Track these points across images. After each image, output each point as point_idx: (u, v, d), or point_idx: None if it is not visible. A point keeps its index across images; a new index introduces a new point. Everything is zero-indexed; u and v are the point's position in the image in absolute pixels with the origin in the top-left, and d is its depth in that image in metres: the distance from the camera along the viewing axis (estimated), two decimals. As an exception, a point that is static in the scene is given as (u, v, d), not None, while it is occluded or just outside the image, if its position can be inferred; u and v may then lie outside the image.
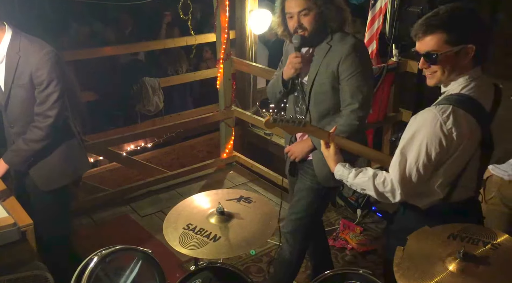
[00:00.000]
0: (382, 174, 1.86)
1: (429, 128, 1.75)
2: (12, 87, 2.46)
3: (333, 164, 2.03)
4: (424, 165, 1.78)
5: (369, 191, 1.89)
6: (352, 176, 1.94)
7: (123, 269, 2.24)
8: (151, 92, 5.16)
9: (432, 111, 1.76)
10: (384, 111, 4.25)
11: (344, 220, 3.82)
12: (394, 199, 1.84)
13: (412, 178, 1.79)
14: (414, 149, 1.78)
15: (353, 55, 2.37)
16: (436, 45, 1.76)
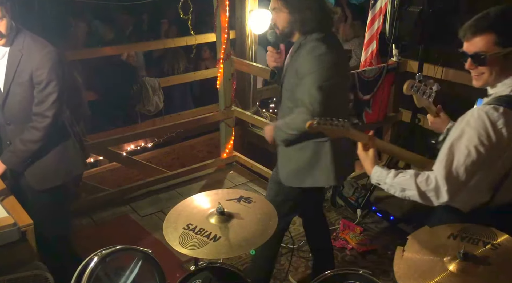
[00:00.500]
0: (425, 173, 1.82)
1: (480, 125, 1.73)
2: (12, 84, 2.47)
3: (371, 166, 1.98)
4: (472, 163, 1.75)
5: (410, 190, 1.83)
6: (392, 176, 1.88)
7: (123, 269, 2.24)
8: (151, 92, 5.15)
9: (484, 109, 1.75)
10: (384, 111, 4.26)
11: (344, 220, 3.82)
12: (438, 198, 1.79)
13: (460, 176, 1.76)
14: (462, 147, 1.76)
15: (309, 57, 2.34)
16: (485, 46, 1.76)
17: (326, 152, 2.49)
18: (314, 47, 2.34)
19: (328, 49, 2.32)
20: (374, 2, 3.97)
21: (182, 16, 4.21)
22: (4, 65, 2.46)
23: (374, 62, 4.11)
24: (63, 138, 2.67)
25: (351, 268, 2.20)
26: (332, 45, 2.38)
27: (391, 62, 4.12)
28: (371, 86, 4.00)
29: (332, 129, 2.02)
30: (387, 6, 3.85)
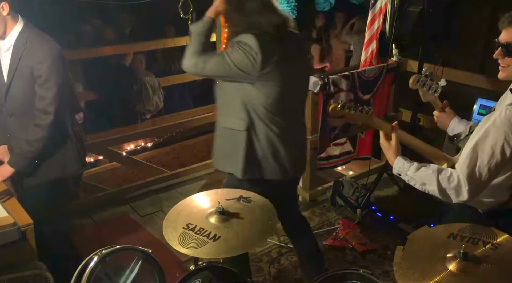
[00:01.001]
0: (448, 170, 1.82)
1: (506, 127, 1.73)
2: (14, 77, 2.51)
3: (394, 156, 1.97)
4: (497, 164, 1.75)
5: (431, 185, 1.83)
6: (414, 169, 1.87)
7: (123, 269, 2.24)
8: (151, 92, 5.16)
9: (509, 110, 1.74)
10: (384, 111, 4.26)
11: (344, 220, 3.82)
12: (459, 197, 1.79)
13: (483, 176, 1.76)
14: (487, 147, 1.75)
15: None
16: None
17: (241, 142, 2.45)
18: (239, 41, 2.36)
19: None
20: (374, 1, 3.96)
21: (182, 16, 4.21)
22: (8, 57, 2.52)
23: (374, 62, 4.11)
24: (62, 137, 2.68)
25: (351, 268, 2.20)
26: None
27: (391, 62, 4.12)
28: (371, 86, 4.00)
29: (355, 114, 2.02)
30: (387, 6, 3.85)
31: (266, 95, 2.37)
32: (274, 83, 2.35)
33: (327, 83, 3.67)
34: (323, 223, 3.87)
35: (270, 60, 2.29)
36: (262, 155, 2.47)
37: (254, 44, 2.26)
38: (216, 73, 2.40)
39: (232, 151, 2.49)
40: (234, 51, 2.30)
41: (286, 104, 2.44)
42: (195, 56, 2.37)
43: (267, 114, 2.40)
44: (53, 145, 2.63)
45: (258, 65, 2.27)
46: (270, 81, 2.34)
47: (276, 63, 2.31)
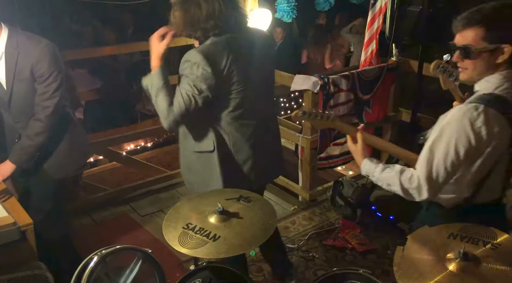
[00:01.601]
0: (409, 171, 1.84)
1: (459, 126, 1.74)
2: (14, 83, 2.50)
3: (361, 158, 2.02)
4: (452, 163, 1.76)
5: (395, 186, 1.87)
6: (379, 170, 1.92)
7: (123, 269, 2.24)
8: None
9: (464, 109, 1.75)
10: (384, 111, 4.26)
11: (344, 220, 3.82)
12: (420, 196, 1.82)
13: (440, 175, 1.78)
14: (442, 146, 1.77)
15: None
16: (473, 39, 1.76)
17: (215, 162, 2.44)
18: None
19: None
20: (374, 1, 3.97)
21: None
22: (2, 65, 2.49)
23: (374, 61, 4.11)
24: (71, 125, 2.74)
25: (351, 268, 2.20)
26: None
27: (391, 62, 4.12)
28: (371, 85, 4.00)
29: (317, 120, 2.07)
30: (387, 6, 3.85)
31: (229, 102, 2.34)
32: (235, 85, 2.31)
33: (327, 83, 3.67)
34: (323, 223, 3.87)
35: (221, 65, 2.24)
36: (237, 167, 2.47)
37: (200, 58, 2.20)
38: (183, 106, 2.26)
39: (209, 173, 2.46)
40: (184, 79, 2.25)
41: (251, 104, 2.39)
42: (170, 111, 2.27)
43: (232, 122, 2.38)
44: (67, 136, 2.69)
45: (209, 73, 2.21)
46: (231, 84, 2.30)
47: (231, 64, 2.26)
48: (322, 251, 3.51)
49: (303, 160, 3.97)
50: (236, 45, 2.31)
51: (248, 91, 2.36)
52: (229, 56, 2.26)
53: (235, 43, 2.32)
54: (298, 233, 3.73)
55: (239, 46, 2.33)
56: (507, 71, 1.78)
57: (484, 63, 1.78)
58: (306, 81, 3.66)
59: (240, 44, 2.34)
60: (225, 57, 2.25)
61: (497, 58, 1.76)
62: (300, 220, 3.92)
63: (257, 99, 2.45)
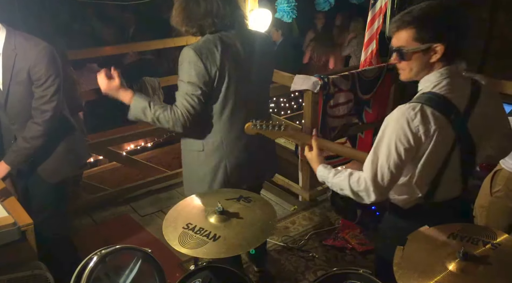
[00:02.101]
0: (358, 173, 1.86)
1: (397, 126, 1.75)
2: (11, 85, 2.47)
3: (316, 165, 2.05)
4: (395, 163, 1.77)
5: (346, 190, 1.89)
6: (332, 176, 1.94)
7: (123, 269, 2.24)
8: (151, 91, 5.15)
9: (401, 109, 1.77)
10: (384, 111, 4.25)
11: (344, 220, 3.81)
12: (369, 198, 1.84)
13: (384, 176, 1.79)
14: (384, 147, 1.78)
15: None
16: (406, 41, 1.78)
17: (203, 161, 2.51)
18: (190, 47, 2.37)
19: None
20: (374, 1, 3.96)
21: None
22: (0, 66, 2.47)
23: (374, 62, 4.11)
24: (69, 130, 2.72)
25: (351, 268, 2.20)
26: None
27: (391, 62, 4.11)
28: (371, 85, 4.00)
29: (268, 131, 2.10)
30: (387, 6, 3.85)
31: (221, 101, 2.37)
32: (227, 83, 2.35)
33: (327, 83, 3.67)
34: (323, 223, 3.88)
35: (213, 61, 2.29)
36: (228, 167, 2.50)
37: (192, 55, 2.27)
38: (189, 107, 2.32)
39: (198, 172, 2.56)
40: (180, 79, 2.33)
41: (244, 103, 2.43)
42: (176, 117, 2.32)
43: (225, 122, 2.42)
44: (63, 140, 2.67)
45: (203, 69, 2.27)
46: (223, 81, 2.34)
47: (223, 61, 2.31)
48: (322, 251, 3.51)
49: (303, 160, 3.96)
50: (229, 43, 2.36)
51: (241, 89, 2.40)
52: (222, 53, 2.31)
53: (228, 41, 2.36)
54: (298, 233, 3.73)
55: (233, 44, 2.37)
56: (444, 68, 1.80)
57: (418, 63, 1.80)
58: (306, 81, 3.65)
59: (234, 42, 2.37)
60: (217, 54, 2.30)
61: (430, 57, 1.77)
62: (300, 220, 3.92)
63: (250, 97, 2.47)
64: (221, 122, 2.42)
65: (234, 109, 2.41)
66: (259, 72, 2.50)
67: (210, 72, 2.29)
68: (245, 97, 2.43)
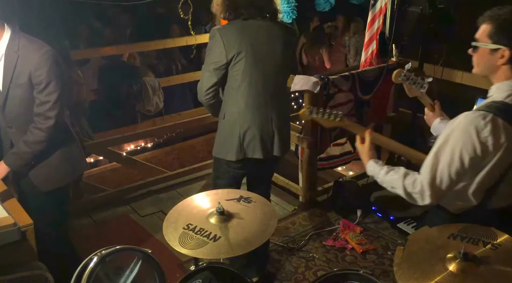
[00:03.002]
0: (414, 175, 1.84)
1: (465, 133, 1.72)
2: (11, 87, 2.45)
3: (366, 159, 2.03)
4: (457, 171, 1.75)
5: (398, 190, 1.87)
6: (384, 173, 1.92)
7: (123, 269, 2.24)
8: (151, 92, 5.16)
9: (471, 116, 1.73)
10: (384, 111, 4.26)
11: (344, 220, 3.82)
12: (423, 201, 1.82)
13: (443, 182, 1.77)
14: (447, 153, 1.76)
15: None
16: (480, 35, 1.79)
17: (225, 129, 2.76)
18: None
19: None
20: (374, 2, 3.96)
21: (182, 16, 4.21)
22: (1, 68, 2.44)
23: (374, 62, 4.11)
24: (67, 138, 2.67)
25: (351, 268, 2.20)
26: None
27: (391, 62, 4.12)
28: (371, 86, 4.00)
29: (324, 119, 2.10)
30: (387, 6, 3.85)
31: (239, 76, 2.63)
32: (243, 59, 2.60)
33: (327, 83, 3.67)
34: (323, 223, 3.87)
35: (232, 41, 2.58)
36: (240, 135, 2.70)
37: (217, 34, 2.60)
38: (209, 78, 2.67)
39: (221, 139, 2.79)
40: (207, 54, 2.69)
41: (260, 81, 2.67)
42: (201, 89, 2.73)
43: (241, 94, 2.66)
44: (60, 149, 2.62)
45: (222, 48, 2.57)
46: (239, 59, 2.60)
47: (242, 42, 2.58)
48: (322, 252, 3.51)
49: (303, 161, 3.96)
50: (251, 29, 2.63)
51: (257, 71, 2.65)
52: (242, 37, 2.59)
53: (252, 27, 2.63)
54: (298, 234, 3.73)
55: (255, 30, 2.64)
56: None
57: (484, 61, 1.79)
58: (306, 81, 3.66)
59: (256, 29, 2.64)
60: (238, 37, 2.59)
61: (497, 59, 1.76)
62: (300, 220, 3.92)
63: (267, 79, 2.70)
64: (238, 96, 2.67)
65: (250, 86, 2.65)
66: (279, 58, 2.72)
67: (228, 52, 2.58)
68: (261, 78, 2.67)
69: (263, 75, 2.67)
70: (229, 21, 2.68)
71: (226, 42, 2.58)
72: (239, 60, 2.61)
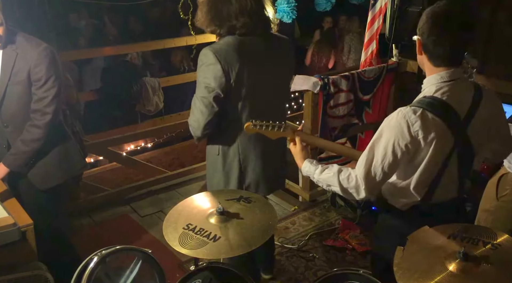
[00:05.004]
0: (348, 170, 1.87)
1: (396, 128, 1.76)
2: (9, 84, 2.45)
3: (301, 161, 2.04)
4: (390, 164, 1.78)
5: (334, 187, 1.89)
6: (318, 172, 1.94)
7: (123, 269, 2.24)
8: (151, 92, 5.16)
9: (402, 112, 1.78)
10: (384, 111, 4.25)
11: (344, 220, 3.82)
12: (358, 195, 1.84)
13: (377, 176, 1.80)
14: (380, 147, 1.79)
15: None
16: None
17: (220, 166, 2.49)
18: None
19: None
20: (374, 2, 3.96)
21: (182, 16, 4.21)
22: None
23: (374, 62, 4.11)
24: (62, 137, 2.67)
25: (351, 268, 2.20)
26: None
27: (391, 62, 4.12)
28: (371, 86, 4.00)
29: (268, 131, 2.09)
30: (387, 6, 3.85)
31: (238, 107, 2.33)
32: (245, 89, 2.30)
33: (327, 83, 3.67)
34: (323, 223, 3.88)
35: (231, 64, 2.23)
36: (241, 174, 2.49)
37: (211, 56, 2.22)
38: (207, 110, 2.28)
39: (213, 175, 2.54)
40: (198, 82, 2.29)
41: (261, 111, 2.34)
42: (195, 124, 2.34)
43: (241, 129, 2.31)
44: (56, 147, 2.62)
45: (221, 73, 2.22)
46: (240, 87, 2.29)
47: (242, 66, 2.25)
48: (322, 252, 3.51)
49: (303, 161, 3.96)
50: (250, 47, 2.29)
51: (259, 94, 2.36)
52: (241, 57, 2.25)
53: (250, 44, 2.29)
54: (298, 234, 3.73)
55: (254, 48, 2.31)
56: (445, 71, 1.79)
57: (418, 55, 1.85)
58: (306, 81, 3.66)
59: (255, 46, 2.31)
60: (237, 57, 2.24)
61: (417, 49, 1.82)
62: (300, 220, 3.92)
63: (268, 103, 2.42)
64: (237, 127, 2.37)
65: (252, 114, 2.32)
66: (278, 77, 2.45)
67: (228, 76, 2.23)
68: (263, 103, 2.38)
69: (265, 103, 2.37)
70: (222, 38, 2.31)
71: (224, 64, 2.21)
72: (240, 86, 2.27)
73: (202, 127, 2.31)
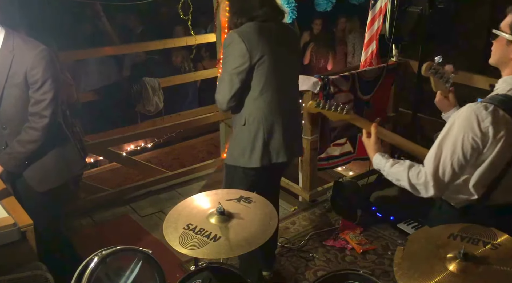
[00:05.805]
0: (418, 167, 1.86)
1: (467, 123, 1.74)
2: (6, 87, 2.43)
3: (372, 153, 2.05)
4: (459, 161, 1.76)
5: (403, 181, 1.88)
6: (389, 166, 1.94)
7: (123, 270, 2.24)
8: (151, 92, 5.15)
9: (474, 107, 1.74)
10: (384, 111, 4.26)
11: (344, 220, 3.82)
12: (427, 192, 1.83)
13: (446, 173, 1.78)
14: (450, 144, 1.77)
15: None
16: (504, 24, 1.79)
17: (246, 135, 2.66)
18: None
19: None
20: (374, 2, 3.97)
21: (182, 16, 4.21)
22: None
23: (374, 62, 4.11)
24: (61, 138, 2.65)
25: (351, 268, 2.20)
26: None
27: (391, 62, 4.12)
28: (371, 86, 4.00)
29: (331, 112, 2.14)
30: (387, 6, 3.85)
31: (260, 83, 2.55)
32: (265, 67, 2.53)
33: (327, 83, 3.67)
34: (323, 223, 3.88)
35: (254, 44, 2.48)
36: (264, 140, 2.64)
37: (236, 37, 2.48)
38: (232, 85, 2.54)
39: (245, 145, 2.68)
40: (224, 61, 2.54)
41: (277, 83, 2.59)
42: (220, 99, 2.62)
43: (262, 101, 2.58)
44: (54, 150, 2.61)
45: (245, 51, 2.47)
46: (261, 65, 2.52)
47: (263, 46, 2.50)
48: (322, 252, 3.51)
49: (303, 161, 3.97)
50: (267, 32, 2.55)
51: (278, 74, 2.59)
52: (261, 40, 2.50)
53: (267, 29, 2.55)
54: (298, 234, 3.73)
55: (270, 33, 2.56)
56: None
57: (500, 51, 1.80)
58: (306, 81, 3.66)
59: (271, 32, 2.57)
60: (258, 40, 2.50)
61: (511, 52, 1.76)
62: (300, 220, 3.92)
63: (286, 82, 2.67)
64: (261, 100, 2.58)
65: (273, 91, 2.58)
66: (293, 61, 2.72)
67: (252, 55, 2.48)
68: (282, 82, 2.62)
69: (283, 79, 2.62)
70: (245, 24, 2.57)
71: (248, 44, 2.47)
72: (262, 63, 2.52)
73: (227, 100, 2.56)
